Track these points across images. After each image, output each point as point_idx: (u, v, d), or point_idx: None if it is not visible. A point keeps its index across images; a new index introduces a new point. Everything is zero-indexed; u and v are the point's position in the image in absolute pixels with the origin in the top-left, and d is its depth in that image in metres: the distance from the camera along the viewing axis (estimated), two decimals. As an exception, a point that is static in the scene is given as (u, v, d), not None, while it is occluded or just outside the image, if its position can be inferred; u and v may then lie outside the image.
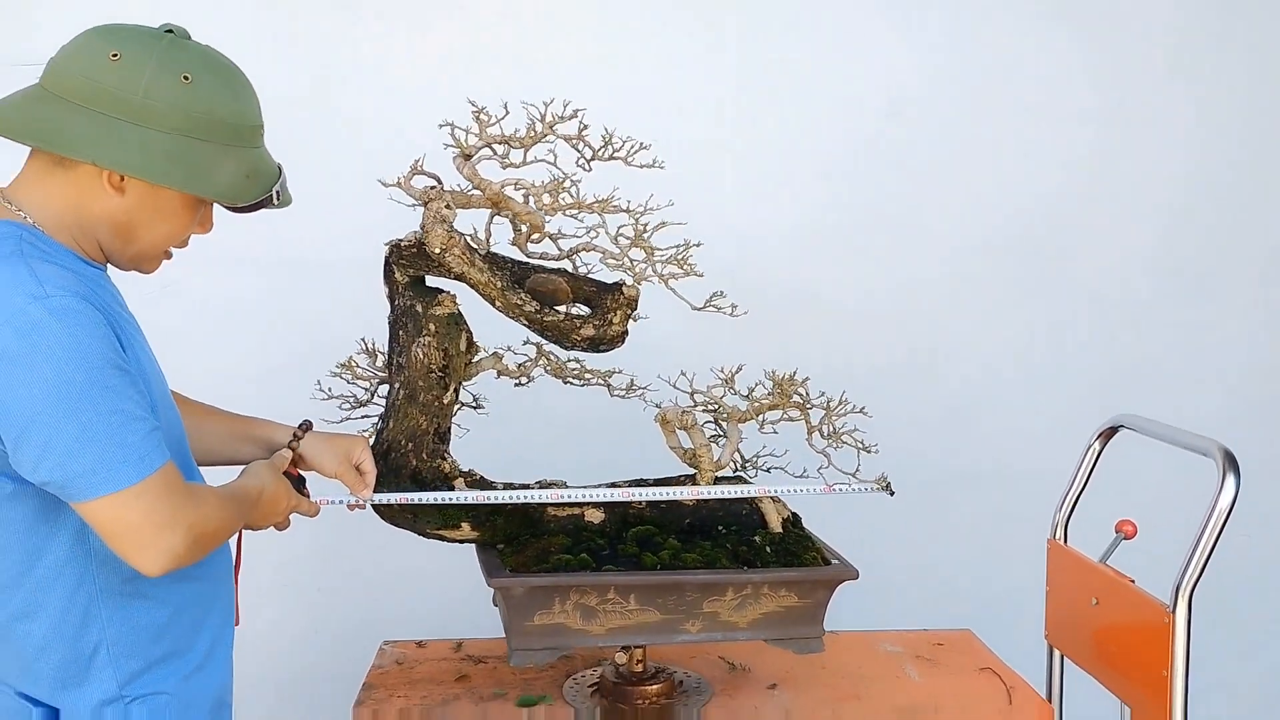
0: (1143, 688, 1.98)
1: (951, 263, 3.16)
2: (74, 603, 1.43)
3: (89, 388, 1.31)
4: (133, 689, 1.47)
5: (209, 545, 1.45)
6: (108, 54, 1.39)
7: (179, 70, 1.41)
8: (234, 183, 1.47)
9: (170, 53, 1.42)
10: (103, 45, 1.40)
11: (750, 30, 3.06)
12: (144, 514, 1.34)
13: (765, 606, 1.94)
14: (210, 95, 1.43)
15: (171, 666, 1.51)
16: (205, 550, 1.44)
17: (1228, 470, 1.90)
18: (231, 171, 1.46)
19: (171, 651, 1.51)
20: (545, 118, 1.85)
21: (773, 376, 2.05)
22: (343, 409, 2.07)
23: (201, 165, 1.43)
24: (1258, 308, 3.28)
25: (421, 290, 1.98)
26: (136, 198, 1.43)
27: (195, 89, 1.42)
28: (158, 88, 1.39)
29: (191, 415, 1.70)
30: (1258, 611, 3.32)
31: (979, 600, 3.06)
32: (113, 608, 1.45)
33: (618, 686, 2.05)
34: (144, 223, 1.46)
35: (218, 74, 1.46)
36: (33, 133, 1.39)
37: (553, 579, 1.89)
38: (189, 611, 1.53)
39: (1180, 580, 1.89)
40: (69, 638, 1.44)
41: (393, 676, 2.16)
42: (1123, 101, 3.17)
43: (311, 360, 2.13)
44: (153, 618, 1.48)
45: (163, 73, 1.40)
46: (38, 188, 1.44)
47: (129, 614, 1.46)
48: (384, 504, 1.90)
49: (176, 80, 1.40)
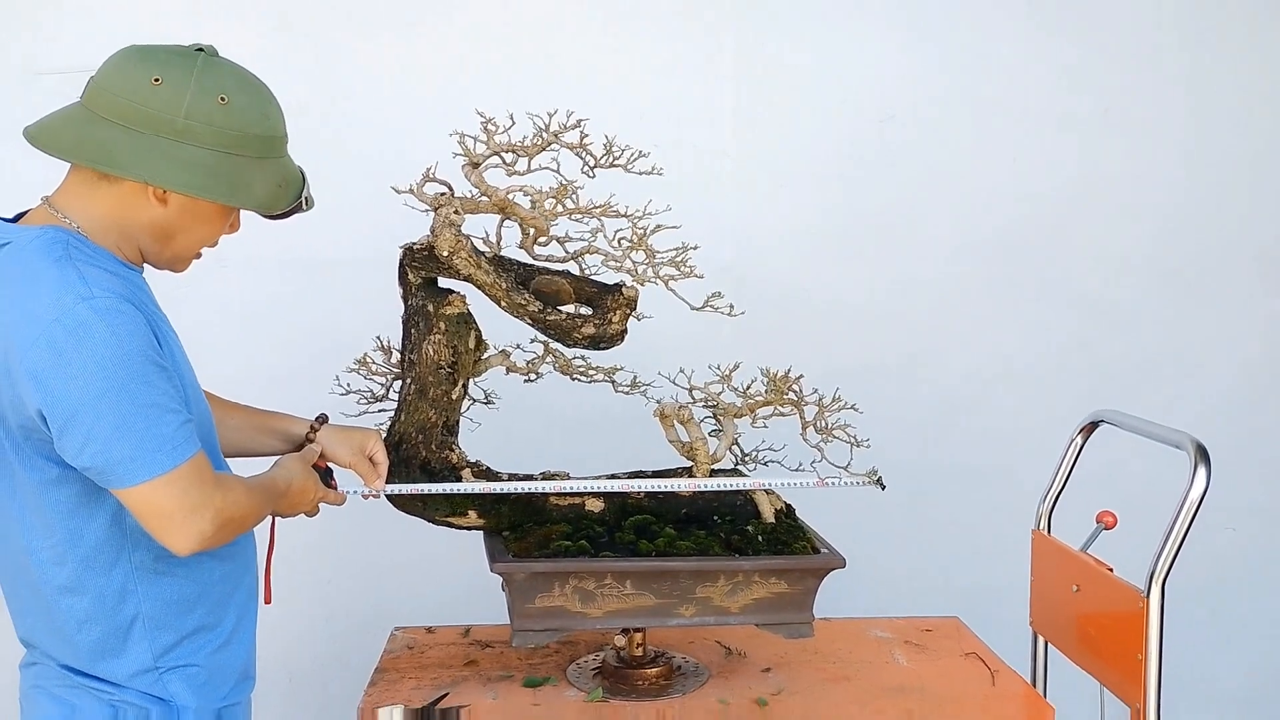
0: (1119, 670, 2.05)
1: (941, 265, 3.23)
2: (111, 579, 1.54)
3: (129, 381, 1.42)
4: (166, 660, 1.58)
5: (236, 530, 1.56)
6: (150, 79, 1.50)
7: (216, 92, 1.52)
8: (269, 192, 1.59)
9: (206, 74, 1.52)
10: (144, 69, 1.51)
11: (748, 38, 3.13)
12: (176, 499, 1.45)
13: (756, 593, 2.01)
14: (244, 113, 1.54)
15: (202, 640, 1.62)
16: (232, 534, 1.55)
17: (1199, 462, 1.96)
18: (266, 182, 1.58)
19: (201, 626, 1.61)
20: (550, 127, 1.95)
21: (768, 374, 2.12)
22: (360, 404, 2.17)
23: (240, 178, 1.54)
24: (1243, 309, 3.33)
25: (433, 291, 2.08)
26: (178, 208, 1.54)
27: (231, 109, 1.53)
28: (198, 109, 1.50)
29: (215, 409, 1.79)
30: (1241, 603, 3.39)
31: (967, 589, 3.13)
32: (147, 584, 1.56)
33: (619, 670, 2.12)
34: (183, 229, 1.57)
35: (250, 93, 1.57)
36: (85, 153, 1.50)
37: (552, 564, 1.98)
38: (217, 589, 1.64)
39: (1154, 567, 1.96)
40: (108, 611, 1.54)
41: (404, 661, 2.24)
42: (1110, 107, 3.24)
43: (330, 358, 2.22)
44: (183, 593, 1.59)
45: (201, 95, 1.51)
46: (83, 197, 1.54)
47: (161, 590, 1.57)
48: (395, 494, 2.00)
49: (214, 102, 1.51)
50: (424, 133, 2.37)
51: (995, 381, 3.28)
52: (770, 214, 3.18)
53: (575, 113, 1.94)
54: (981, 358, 3.27)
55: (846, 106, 3.18)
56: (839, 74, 3.17)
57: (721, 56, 3.14)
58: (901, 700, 2.06)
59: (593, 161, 1.98)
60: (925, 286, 3.24)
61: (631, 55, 3.11)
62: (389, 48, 3.04)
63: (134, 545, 1.55)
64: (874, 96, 3.18)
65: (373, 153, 2.90)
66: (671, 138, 2.99)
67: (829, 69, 3.16)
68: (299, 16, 3.01)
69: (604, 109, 2.05)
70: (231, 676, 1.66)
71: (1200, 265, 3.31)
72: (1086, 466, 2.36)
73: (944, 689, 2.12)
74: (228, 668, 1.66)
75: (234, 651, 1.67)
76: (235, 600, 1.68)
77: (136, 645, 1.56)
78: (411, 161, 2.02)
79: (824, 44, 3.16)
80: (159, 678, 1.57)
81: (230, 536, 1.55)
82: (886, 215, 3.21)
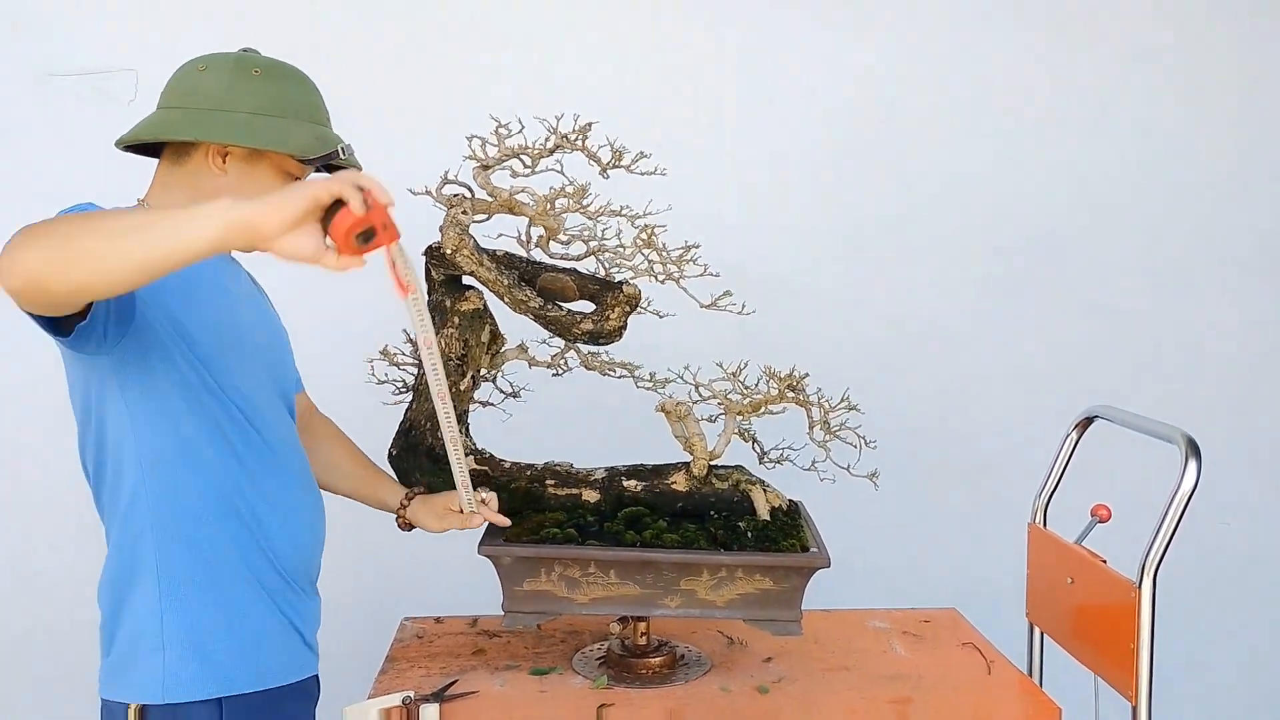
0: (1112, 660, 2.09)
1: (937, 263, 3.27)
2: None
3: None
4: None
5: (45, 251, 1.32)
6: (197, 68, 1.76)
7: (252, 67, 1.76)
8: (305, 143, 1.76)
9: (244, 59, 1.78)
10: (193, 65, 1.78)
11: (749, 39, 3.18)
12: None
13: (741, 588, 2.03)
14: (278, 83, 1.77)
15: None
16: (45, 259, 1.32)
17: (1190, 456, 2.01)
18: (302, 135, 1.76)
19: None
20: (557, 130, 2.00)
21: (773, 373, 2.13)
22: (395, 394, 2.26)
23: (277, 132, 1.73)
24: (1236, 306, 3.38)
25: (454, 288, 2.16)
26: (236, 174, 1.74)
27: (265, 79, 1.76)
28: (237, 82, 1.74)
29: (342, 452, 2.12)
30: (1234, 595, 3.44)
31: (964, 581, 3.18)
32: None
33: (623, 659, 2.16)
34: (244, 194, 1.60)
35: (284, 70, 1.80)
36: (150, 132, 1.73)
37: (536, 550, 2.02)
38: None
39: (1145, 559, 2.00)
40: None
41: (413, 650, 2.29)
42: (1104, 106, 3.29)
43: (342, 353, 2.29)
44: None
45: (239, 71, 1.75)
46: (165, 187, 1.76)
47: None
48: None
49: (249, 75, 1.75)
50: (424, 133, 2.43)
51: (992, 378, 3.32)
52: (772, 215, 3.22)
53: (581, 116, 1.99)
54: (978, 354, 3.31)
55: (849, 108, 3.22)
56: (841, 76, 3.21)
57: (724, 58, 3.18)
58: (899, 689, 2.10)
59: (600, 166, 2.03)
60: (923, 285, 3.28)
61: (633, 56, 3.15)
62: (398, 47, 3.09)
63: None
64: (876, 98, 3.22)
65: (380, 154, 2.94)
66: (673, 138, 3.04)
67: (832, 70, 3.20)
68: (313, 18, 3.06)
69: (605, 110, 2.10)
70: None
71: (1193, 262, 3.35)
72: (1081, 461, 2.41)
73: (941, 678, 2.16)
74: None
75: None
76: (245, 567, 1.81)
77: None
78: (424, 163, 2.08)
79: (827, 46, 3.20)
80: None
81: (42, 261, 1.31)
82: (887, 216, 3.26)
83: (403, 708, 1.96)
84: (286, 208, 1.28)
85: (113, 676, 1.71)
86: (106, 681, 1.71)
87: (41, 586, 3.07)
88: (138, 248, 1.28)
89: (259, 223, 1.28)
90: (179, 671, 1.66)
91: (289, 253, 1.31)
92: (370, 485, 2.11)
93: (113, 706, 1.70)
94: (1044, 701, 2.10)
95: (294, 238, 1.30)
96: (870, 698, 2.07)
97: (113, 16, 3.02)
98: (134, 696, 1.67)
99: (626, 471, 2.19)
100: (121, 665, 1.70)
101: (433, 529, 2.07)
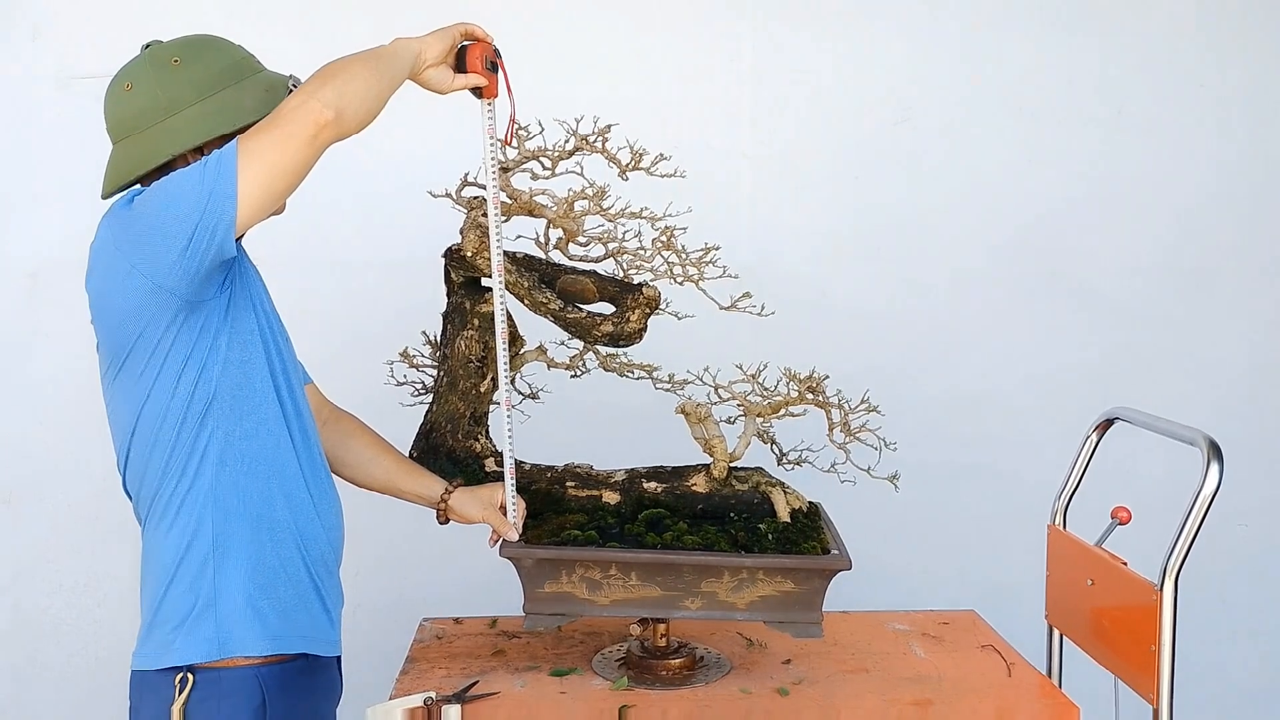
0: (1133, 663, 2.09)
1: (957, 265, 3.27)
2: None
3: None
4: None
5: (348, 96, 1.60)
6: (123, 88, 1.72)
7: (169, 60, 1.71)
8: (260, 100, 1.72)
9: (156, 56, 1.73)
10: (116, 88, 1.74)
11: (766, 41, 3.19)
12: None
13: (762, 590, 2.02)
14: (198, 60, 1.72)
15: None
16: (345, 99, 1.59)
17: (1212, 459, 2.00)
18: (253, 96, 1.72)
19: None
20: (578, 131, 2.00)
21: (793, 374, 2.12)
22: (414, 395, 2.27)
23: (229, 106, 1.70)
24: (1257, 307, 3.37)
25: (474, 290, 2.16)
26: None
27: (185, 62, 1.72)
28: (164, 81, 1.70)
29: (372, 447, 2.06)
30: (1252, 597, 3.42)
31: (984, 583, 3.17)
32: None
33: (643, 660, 2.16)
34: None
35: (194, 44, 1.75)
36: (127, 174, 1.71)
37: (557, 552, 2.02)
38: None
39: (1167, 562, 1.99)
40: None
41: (433, 650, 2.29)
42: (1124, 107, 3.28)
43: (358, 355, 2.30)
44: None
45: (160, 70, 1.71)
46: None
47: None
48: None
49: (170, 67, 1.71)
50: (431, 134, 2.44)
51: (1013, 380, 3.32)
52: (788, 215, 3.22)
53: (601, 119, 2.00)
54: (999, 356, 3.31)
55: (864, 108, 3.22)
56: (856, 76, 3.21)
57: (740, 59, 3.19)
58: (920, 691, 2.10)
59: (619, 169, 2.03)
60: (941, 286, 3.28)
61: (651, 58, 3.16)
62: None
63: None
64: (891, 98, 3.22)
65: (402, 157, 2.96)
66: (691, 140, 3.04)
67: (847, 71, 3.20)
68: (338, 18, 3.07)
69: (624, 112, 2.10)
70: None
71: (1214, 264, 3.35)
72: (1101, 463, 2.40)
73: (961, 681, 2.15)
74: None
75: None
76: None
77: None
78: (443, 166, 2.09)
79: (842, 46, 3.20)
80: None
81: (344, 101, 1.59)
82: (903, 216, 3.26)
83: (425, 708, 1.97)
84: (445, 39, 1.78)
85: (160, 648, 1.71)
86: (153, 654, 1.72)
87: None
88: (386, 83, 1.67)
89: (425, 51, 1.74)
90: (233, 629, 1.69)
91: (434, 83, 1.80)
92: (411, 477, 2.08)
93: (153, 678, 1.70)
94: (1064, 704, 2.09)
95: (435, 70, 1.78)
96: (891, 700, 2.07)
97: (132, 19, 3.03)
98: (188, 658, 1.69)
99: (646, 473, 2.19)
100: (171, 633, 1.71)
101: (473, 519, 2.06)
